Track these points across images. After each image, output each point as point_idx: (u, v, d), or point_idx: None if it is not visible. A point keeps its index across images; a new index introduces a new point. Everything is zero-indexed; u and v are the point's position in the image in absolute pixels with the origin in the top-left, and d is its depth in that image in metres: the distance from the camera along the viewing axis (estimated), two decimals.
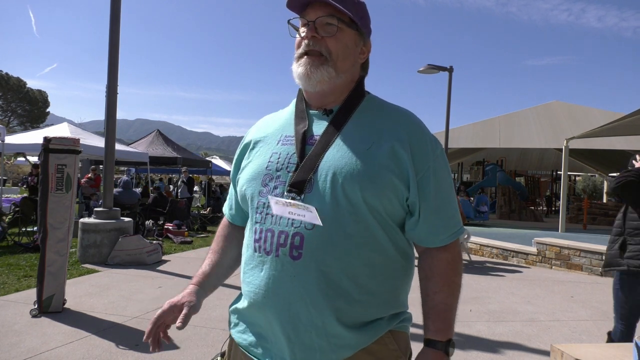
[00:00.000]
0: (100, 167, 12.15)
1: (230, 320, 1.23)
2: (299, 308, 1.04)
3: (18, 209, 8.92)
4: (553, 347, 1.73)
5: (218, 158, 26.49)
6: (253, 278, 1.11)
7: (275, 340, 1.09)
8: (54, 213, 4.43)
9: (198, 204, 19.94)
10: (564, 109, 15.71)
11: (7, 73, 47.01)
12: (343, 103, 1.16)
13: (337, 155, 1.08)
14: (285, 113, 1.25)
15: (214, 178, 22.82)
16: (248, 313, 1.15)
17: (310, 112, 1.19)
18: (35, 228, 8.09)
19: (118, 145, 10.33)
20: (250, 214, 1.16)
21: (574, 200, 18.00)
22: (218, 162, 22.54)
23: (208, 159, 20.23)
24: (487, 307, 5.14)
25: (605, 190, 23.70)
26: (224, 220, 1.40)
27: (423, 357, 1.09)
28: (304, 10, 1.15)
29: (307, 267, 1.03)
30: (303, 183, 1.07)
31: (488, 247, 8.90)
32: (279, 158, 1.14)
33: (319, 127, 1.15)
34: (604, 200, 22.02)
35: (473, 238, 9.12)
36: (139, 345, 3.58)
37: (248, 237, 1.16)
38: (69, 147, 4.58)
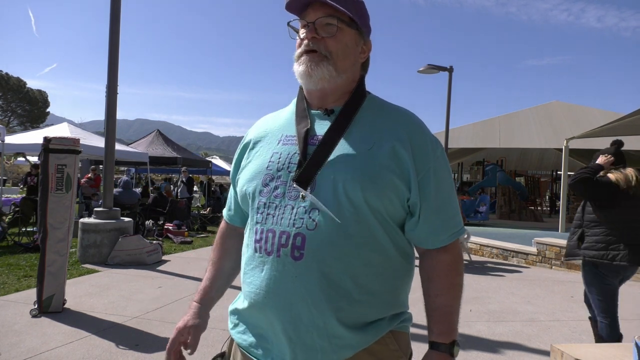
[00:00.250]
0: (100, 167, 12.15)
1: (230, 321, 1.22)
2: (301, 308, 1.03)
3: (18, 209, 8.92)
4: (553, 347, 1.73)
5: (218, 158, 26.51)
6: (254, 278, 1.10)
7: (276, 341, 1.08)
8: (54, 213, 4.43)
9: (198, 204, 19.94)
10: (564, 109, 15.71)
11: (7, 73, 47.01)
12: (345, 103, 1.15)
13: (338, 156, 1.08)
14: (286, 113, 1.24)
15: (214, 178, 22.83)
16: (248, 314, 1.14)
17: (312, 112, 1.18)
18: (35, 228, 8.09)
19: (118, 145, 10.33)
20: (251, 214, 1.16)
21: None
22: (218, 162, 22.56)
23: (208, 159, 20.25)
24: (487, 307, 5.14)
25: None
26: (222, 225, 1.39)
27: (429, 359, 1.09)
28: (304, 12, 1.15)
29: (308, 267, 1.03)
30: (309, 180, 1.06)
31: (488, 247, 8.90)
32: (280, 158, 1.13)
33: (321, 127, 1.15)
34: None
35: (473, 238, 9.12)
36: (139, 345, 3.58)
37: (248, 237, 1.16)
38: (69, 147, 4.58)
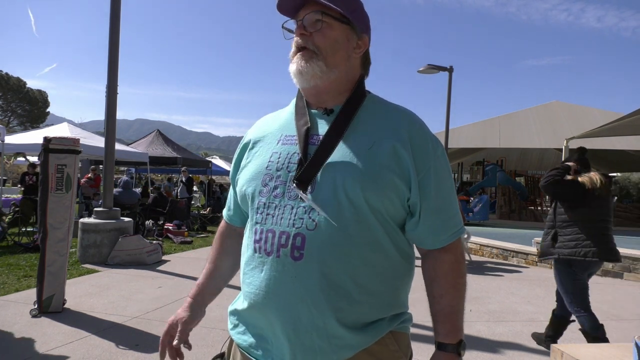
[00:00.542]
0: (100, 167, 12.15)
1: (230, 321, 1.22)
2: (300, 309, 1.03)
3: (18, 209, 8.93)
4: (553, 347, 1.73)
5: (218, 158, 26.52)
6: (253, 279, 1.10)
7: (276, 342, 1.08)
8: (54, 213, 4.43)
9: (198, 204, 19.94)
10: (564, 109, 15.72)
11: (7, 73, 47.00)
12: (345, 103, 1.15)
13: (338, 156, 1.08)
14: (285, 113, 1.24)
15: (214, 178, 22.86)
16: (248, 314, 1.14)
17: (312, 111, 1.18)
18: (35, 228, 8.10)
19: (118, 145, 10.33)
20: (250, 215, 1.15)
21: None
22: (218, 162, 22.57)
23: (208, 159, 20.26)
24: (487, 307, 5.14)
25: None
26: (222, 224, 1.40)
27: (436, 359, 1.10)
28: (297, 13, 1.16)
29: (308, 267, 1.03)
30: (309, 180, 1.06)
31: (488, 247, 8.89)
32: (279, 158, 1.13)
33: (320, 126, 1.14)
34: None
35: (473, 238, 9.12)
36: (139, 345, 3.58)
37: (248, 237, 1.15)
38: (69, 147, 4.58)
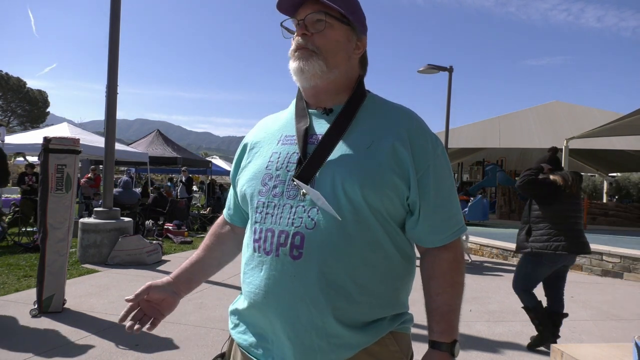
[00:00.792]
0: (100, 167, 12.16)
1: (231, 321, 1.22)
2: (299, 308, 1.03)
3: (18, 209, 8.93)
4: (553, 347, 1.73)
5: (218, 158, 26.53)
6: (253, 278, 1.10)
7: (277, 341, 1.08)
8: (54, 213, 4.43)
9: (197, 204, 19.94)
10: (564, 109, 15.72)
11: (7, 73, 46.95)
12: (346, 103, 1.15)
13: (337, 155, 1.08)
14: (286, 114, 1.25)
15: (214, 178, 22.87)
16: (248, 313, 1.14)
17: (311, 111, 1.19)
18: (36, 228, 8.10)
19: (118, 145, 10.33)
20: (250, 214, 1.16)
21: None
22: (218, 162, 22.58)
23: (208, 159, 20.27)
24: (487, 307, 5.14)
25: (605, 191, 23.71)
26: (220, 218, 1.40)
27: (430, 358, 1.09)
28: (296, 11, 1.16)
29: (307, 266, 1.03)
30: (308, 180, 1.06)
31: (488, 247, 8.89)
32: (279, 157, 1.13)
33: (320, 126, 1.15)
34: (604, 200, 22.02)
35: (473, 238, 9.12)
36: (139, 345, 3.58)
37: (248, 237, 1.16)
38: (69, 147, 4.58)
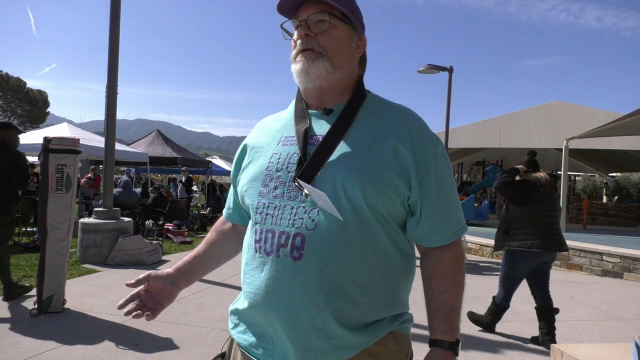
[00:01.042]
0: (100, 167, 12.16)
1: (231, 321, 1.22)
2: (299, 309, 1.03)
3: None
4: (553, 347, 1.73)
5: (218, 158, 26.52)
6: (253, 279, 1.10)
7: (279, 341, 1.08)
8: (54, 213, 4.43)
9: (198, 203, 19.94)
10: (564, 109, 15.70)
11: (7, 73, 46.88)
12: (346, 104, 1.15)
13: (338, 155, 1.08)
14: (286, 114, 1.25)
15: (214, 178, 22.87)
16: (248, 314, 1.14)
17: (310, 111, 1.19)
18: (36, 228, 8.10)
19: (118, 145, 10.33)
20: (251, 215, 1.16)
21: (574, 200, 17.98)
22: (218, 162, 22.58)
23: (208, 159, 20.26)
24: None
25: (605, 192, 23.71)
26: (220, 220, 1.41)
27: (433, 357, 1.08)
28: (296, 12, 1.15)
29: (308, 267, 1.03)
30: (309, 181, 1.06)
31: (488, 247, 8.89)
32: (279, 158, 1.13)
33: (320, 126, 1.15)
34: (604, 201, 22.02)
35: (473, 238, 9.12)
36: (139, 345, 3.58)
37: (249, 237, 1.16)
38: (69, 147, 4.58)
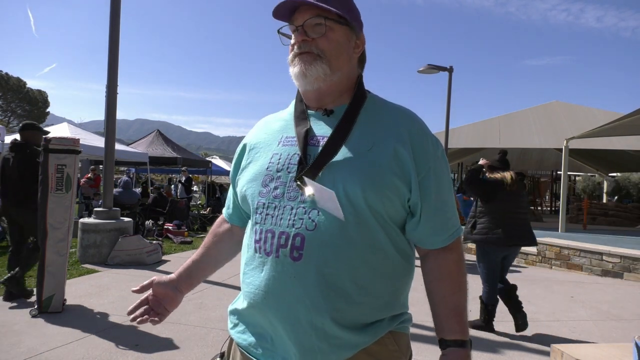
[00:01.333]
0: (100, 167, 12.16)
1: (230, 321, 1.22)
2: (299, 309, 1.03)
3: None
4: (553, 347, 1.73)
5: (218, 158, 26.51)
6: (253, 279, 1.10)
7: (279, 341, 1.08)
8: (54, 213, 4.43)
9: (198, 203, 19.94)
10: (564, 109, 15.70)
11: (7, 73, 46.85)
12: (348, 106, 1.15)
13: (339, 157, 1.08)
14: (285, 114, 1.25)
15: (214, 178, 22.85)
16: (248, 314, 1.14)
17: (310, 112, 1.19)
18: None
19: (118, 145, 10.34)
20: (251, 215, 1.16)
21: (574, 200, 17.99)
22: (218, 162, 22.57)
23: (208, 159, 20.26)
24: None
25: (605, 191, 23.72)
26: (220, 217, 1.41)
27: (455, 356, 1.08)
28: (292, 17, 1.16)
29: (307, 268, 1.03)
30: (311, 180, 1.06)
31: None
32: (280, 159, 1.13)
33: (320, 127, 1.15)
34: (604, 200, 22.03)
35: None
36: (139, 345, 3.58)
37: (248, 237, 1.16)
38: (69, 147, 4.58)
